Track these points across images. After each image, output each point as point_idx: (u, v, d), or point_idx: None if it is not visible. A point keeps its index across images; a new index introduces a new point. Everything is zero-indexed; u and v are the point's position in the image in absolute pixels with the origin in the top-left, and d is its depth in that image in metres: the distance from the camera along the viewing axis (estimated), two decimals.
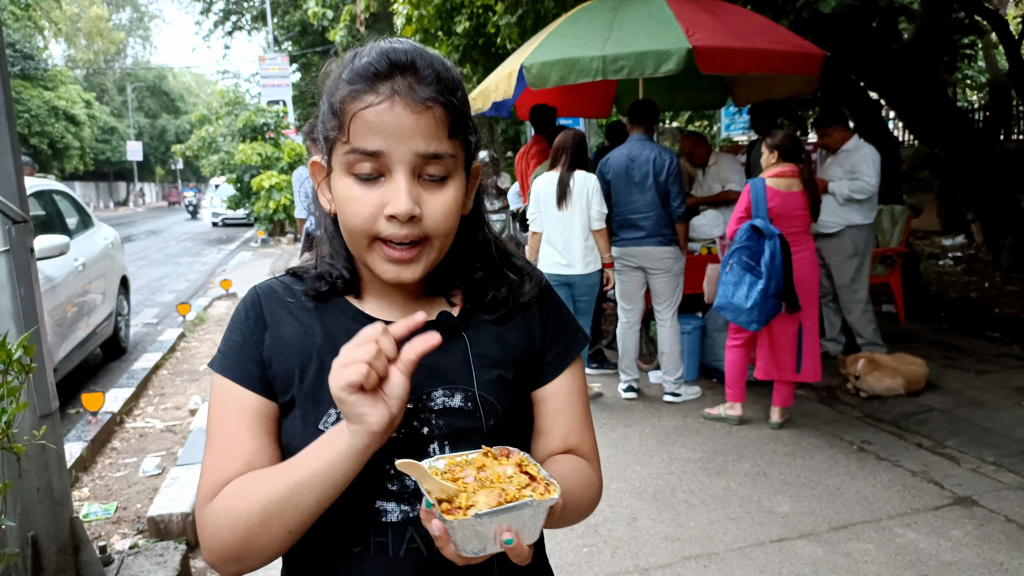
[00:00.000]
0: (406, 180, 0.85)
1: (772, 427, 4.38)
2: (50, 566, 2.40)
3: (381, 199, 0.86)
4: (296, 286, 0.99)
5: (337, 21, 14.96)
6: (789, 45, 4.82)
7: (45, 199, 5.77)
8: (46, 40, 36.92)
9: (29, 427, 2.20)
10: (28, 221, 2.32)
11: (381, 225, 0.86)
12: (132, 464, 4.15)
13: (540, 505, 0.76)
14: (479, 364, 0.95)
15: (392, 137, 0.84)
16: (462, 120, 0.89)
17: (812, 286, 4.27)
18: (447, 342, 0.94)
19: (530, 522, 0.77)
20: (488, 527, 0.74)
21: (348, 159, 0.87)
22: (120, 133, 43.50)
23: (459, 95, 0.89)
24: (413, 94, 0.84)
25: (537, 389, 1.02)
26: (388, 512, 0.91)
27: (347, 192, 0.88)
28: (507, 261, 1.04)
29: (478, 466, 0.82)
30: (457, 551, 0.76)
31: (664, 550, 3.07)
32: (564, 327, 1.05)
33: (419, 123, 0.84)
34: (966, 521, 3.24)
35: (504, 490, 0.77)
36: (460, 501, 0.76)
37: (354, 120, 0.85)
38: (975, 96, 15.16)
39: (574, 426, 1.03)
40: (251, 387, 0.93)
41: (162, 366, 6.28)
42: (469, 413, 0.93)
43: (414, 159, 0.85)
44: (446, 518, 0.74)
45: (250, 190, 17.37)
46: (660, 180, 4.64)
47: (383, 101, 0.84)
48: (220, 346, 0.98)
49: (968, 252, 9.85)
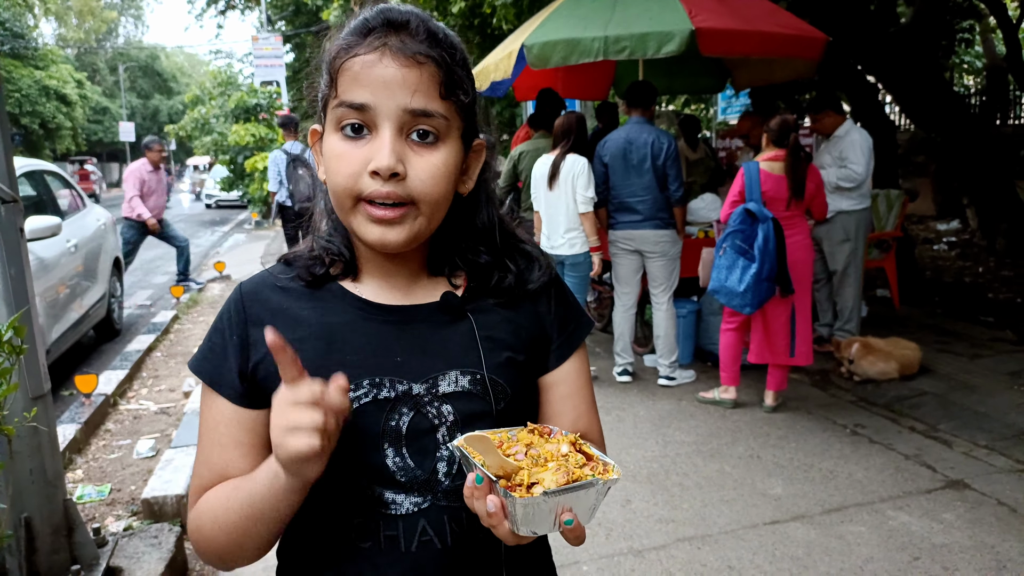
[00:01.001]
0: (391, 135, 0.82)
1: (766, 410, 4.40)
2: (44, 547, 2.39)
3: (366, 156, 0.82)
4: (286, 275, 0.95)
5: (331, 0, 14.81)
6: (791, 28, 4.79)
7: (36, 180, 5.72)
8: (36, 19, 36.50)
9: (20, 409, 2.19)
10: (18, 201, 2.29)
11: (364, 182, 0.82)
12: (126, 446, 4.14)
13: (604, 485, 0.74)
14: (487, 346, 0.92)
15: (379, 89, 0.81)
16: (457, 82, 0.85)
17: (806, 270, 4.26)
18: (452, 324, 0.93)
19: (592, 502, 0.75)
20: (551, 507, 0.72)
21: (336, 114, 0.84)
22: (112, 113, 43.13)
23: (457, 57, 0.86)
24: (403, 47, 0.82)
25: (544, 375, 0.99)
26: (398, 504, 0.88)
27: (333, 149, 0.85)
28: (515, 246, 1.00)
29: (526, 443, 0.79)
30: (514, 529, 0.74)
31: (658, 532, 3.09)
32: (571, 312, 1.03)
33: (408, 76, 0.81)
34: (958, 504, 3.26)
35: (568, 469, 0.74)
36: (521, 478, 0.73)
37: (342, 72, 0.83)
38: (972, 80, 15.13)
39: (583, 411, 1.01)
40: (226, 395, 0.90)
41: (156, 348, 6.26)
42: (478, 396, 0.90)
43: (401, 114, 0.82)
44: (512, 495, 0.71)
45: (243, 172, 17.25)
46: (658, 163, 4.61)
47: (372, 52, 0.82)
48: (202, 345, 0.95)
49: (963, 237, 9.86)
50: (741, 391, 4.54)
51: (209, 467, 0.91)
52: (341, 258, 0.94)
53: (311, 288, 0.94)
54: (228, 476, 0.89)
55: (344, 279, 0.95)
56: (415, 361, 0.90)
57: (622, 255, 4.86)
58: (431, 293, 0.95)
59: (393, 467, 0.87)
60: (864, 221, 5.28)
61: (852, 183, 5.07)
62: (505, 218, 1.02)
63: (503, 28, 7.54)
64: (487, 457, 0.75)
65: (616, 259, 4.90)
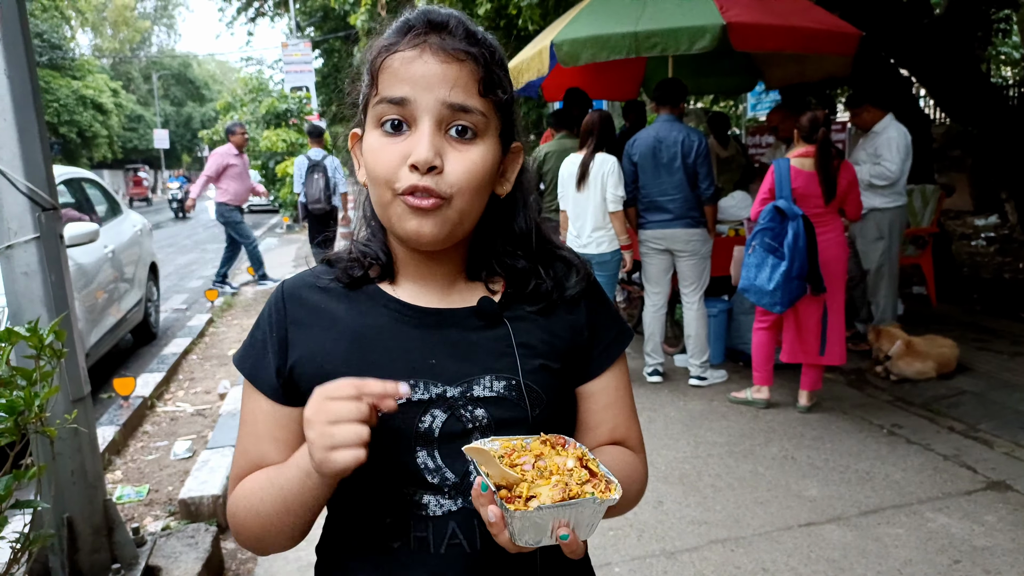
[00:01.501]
0: (430, 129, 0.83)
1: (800, 411, 4.34)
2: (85, 547, 2.45)
3: (405, 150, 0.83)
4: (327, 276, 0.96)
5: (358, 5, 14.93)
6: (824, 24, 4.73)
7: (75, 187, 5.85)
8: (73, 30, 37.37)
9: (62, 411, 2.24)
10: (58, 208, 2.34)
11: (403, 175, 0.83)
12: (163, 447, 4.22)
13: (601, 504, 0.75)
14: (523, 352, 0.92)
15: (418, 85, 0.83)
16: (496, 81, 0.86)
17: (838, 268, 4.19)
18: (489, 329, 0.93)
19: (589, 519, 0.76)
20: (547, 520, 0.73)
21: (377, 111, 0.85)
22: (147, 121, 43.95)
23: (496, 56, 0.87)
24: (444, 43, 0.83)
25: (583, 384, 0.99)
26: (429, 506, 0.89)
27: (372, 145, 0.86)
28: (552, 252, 1.00)
29: (535, 454, 0.80)
30: (512, 540, 0.75)
31: (691, 534, 3.06)
32: (611, 321, 1.02)
33: (447, 72, 0.83)
34: (1000, 506, 3.19)
35: (567, 484, 0.75)
36: (521, 490, 0.75)
37: (382, 70, 0.85)
38: (1009, 72, 14.77)
39: (620, 422, 1.01)
40: (263, 391, 0.93)
41: (191, 351, 6.37)
42: (513, 402, 0.90)
43: (440, 108, 0.83)
44: (507, 507, 0.73)
45: (275, 176, 17.47)
46: (688, 162, 4.57)
47: (412, 49, 0.83)
48: (245, 340, 0.98)
49: (1002, 232, 9.64)
50: (774, 391, 4.48)
51: (247, 457, 0.94)
52: (378, 261, 0.95)
53: (349, 289, 0.95)
54: (263, 466, 0.93)
55: (382, 281, 0.96)
56: (450, 364, 0.90)
57: (652, 254, 4.82)
58: (468, 298, 0.95)
59: (425, 469, 0.88)
60: (899, 219, 5.16)
61: (885, 181, 4.97)
62: (543, 223, 1.01)
63: (529, 29, 7.54)
64: (489, 468, 0.76)
65: (646, 259, 4.87)
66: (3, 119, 2.17)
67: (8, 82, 2.16)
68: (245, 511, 0.90)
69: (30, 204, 2.24)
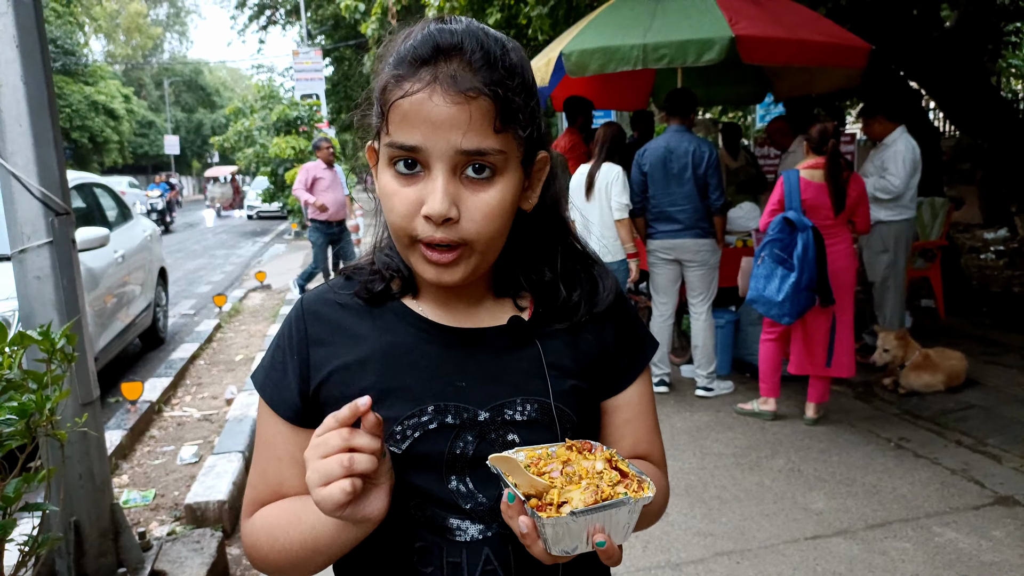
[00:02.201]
0: (443, 178, 0.78)
1: (807, 423, 4.32)
2: (92, 550, 2.46)
3: (419, 196, 0.79)
4: (346, 291, 0.93)
5: (369, 14, 15.03)
6: (833, 37, 4.73)
7: (86, 192, 5.89)
8: (86, 36, 37.72)
9: (71, 415, 2.25)
10: (70, 213, 2.36)
11: (418, 224, 0.79)
12: (170, 452, 4.23)
13: (636, 503, 0.72)
14: (555, 374, 0.89)
15: (429, 131, 0.77)
16: (514, 112, 0.79)
17: (847, 279, 4.18)
18: (519, 349, 0.90)
19: (624, 521, 0.73)
20: (581, 526, 0.71)
21: (388, 151, 0.81)
22: (158, 127, 44.29)
23: (515, 83, 0.80)
24: (454, 83, 0.76)
25: (608, 399, 0.97)
26: (463, 531, 0.86)
27: (387, 186, 0.82)
28: (582, 262, 0.96)
29: (563, 460, 0.77)
30: (546, 549, 0.72)
31: (696, 546, 3.05)
32: (636, 334, 1.00)
33: (459, 115, 0.76)
34: (1008, 521, 3.17)
35: (598, 487, 0.73)
36: (551, 497, 0.72)
37: (392, 110, 0.78)
38: (1020, 85, 14.73)
39: (642, 436, 0.98)
40: (283, 415, 0.90)
41: (199, 356, 6.39)
42: (544, 425, 0.87)
43: (454, 155, 0.77)
44: (540, 515, 0.70)
45: (284, 183, 17.56)
46: (699, 172, 4.58)
47: (420, 90, 0.76)
48: (264, 360, 0.94)
49: (1011, 245, 9.60)
50: (781, 403, 4.47)
51: (266, 481, 0.91)
52: (400, 275, 0.92)
53: (371, 305, 0.91)
54: (283, 491, 0.90)
55: (404, 296, 0.92)
56: (480, 387, 0.87)
57: (661, 265, 4.83)
58: (496, 315, 0.92)
59: (457, 494, 0.86)
60: (905, 233, 5.14)
61: (888, 195, 4.95)
62: (577, 234, 0.98)
63: (539, 39, 7.57)
64: (516, 477, 0.73)
65: (655, 269, 4.87)
66: (19, 125, 2.20)
67: (25, 89, 2.19)
68: (268, 543, 0.87)
69: (44, 209, 2.26)
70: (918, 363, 4.65)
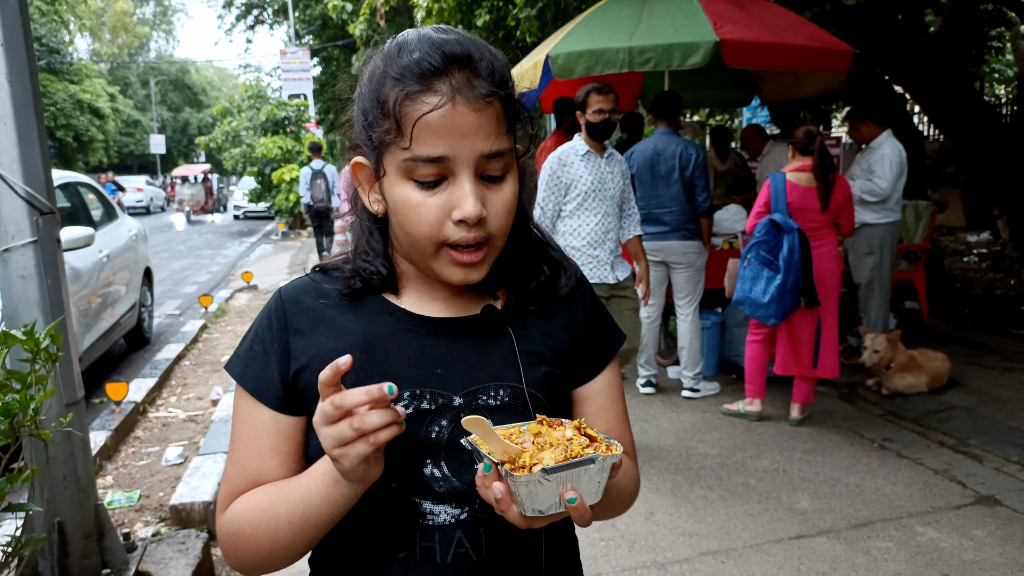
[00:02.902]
0: (472, 183, 0.82)
1: (792, 423, 4.36)
2: (75, 551, 2.44)
3: (446, 203, 0.82)
4: (327, 284, 0.95)
5: (357, 15, 14.99)
6: (818, 41, 4.77)
7: (70, 191, 5.85)
8: (72, 34, 37.43)
9: (56, 415, 2.24)
10: (55, 212, 2.35)
11: (449, 230, 0.83)
12: (155, 453, 4.21)
13: (605, 461, 0.76)
14: (527, 360, 0.93)
15: (455, 139, 0.80)
16: (517, 113, 0.86)
17: (832, 281, 4.22)
18: (494, 337, 0.93)
19: (594, 479, 0.76)
20: (553, 485, 0.74)
21: (408, 165, 0.82)
22: (143, 126, 43.99)
23: (511, 85, 0.86)
24: (473, 90, 0.80)
25: (578, 388, 1.00)
26: (436, 515, 0.88)
27: (408, 199, 0.83)
28: (544, 252, 1.01)
29: (534, 433, 0.81)
30: (521, 511, 0.75)
31: (682, 545, 3.07)
32: (604, 323, 1.04)
33: (481, 121, 0.81)
34: (989, 520, 3.21)
35: (568, 447, 0.76)
36: (524, 460, 0.75)
37: (417, 126, 0.80)
38: (1002, 90, 14.91)
39: (614, 425, 1.01)
40: (267, 402, 0.91)
41: (184, 357, 6.36)
42: (518, 410, 0.90)
43: (478, 160, 0.82)
44: (513, 475, 0.73)
45: (271, 183, 17.50)
46: (686, 174, 4.61)
47: (445, 103, 0.79)
48: (239, 349, 0.95)
49: (994, 248, 9.71)
50: (766, 404, 4.50)
51: (245, 473, 0.91)
52: (379, 276, 0.94)
53: (352, 299, 0.94)
54: (262, 482, 0.91)
55: (385, 291, 0.95)
56: (456, 374, 0.90)
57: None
58: (471, 305, 0.95)
59: (431, 478, 0.88)
60: (890, 235, 5.20)
61: (875, 197, 5.01)
62: (538, 223, 1.02)
63: (527, 41, 7.58)
64: (490, 443, 0.77)
65: None
66: (3, 123, 2.18)
67: (9, 87, 2.18)
68: (252, 528, 0.87)
69: (28, 208, 2.25)
70: (903, 364, 4.70)
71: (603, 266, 3.84)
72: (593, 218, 3.79)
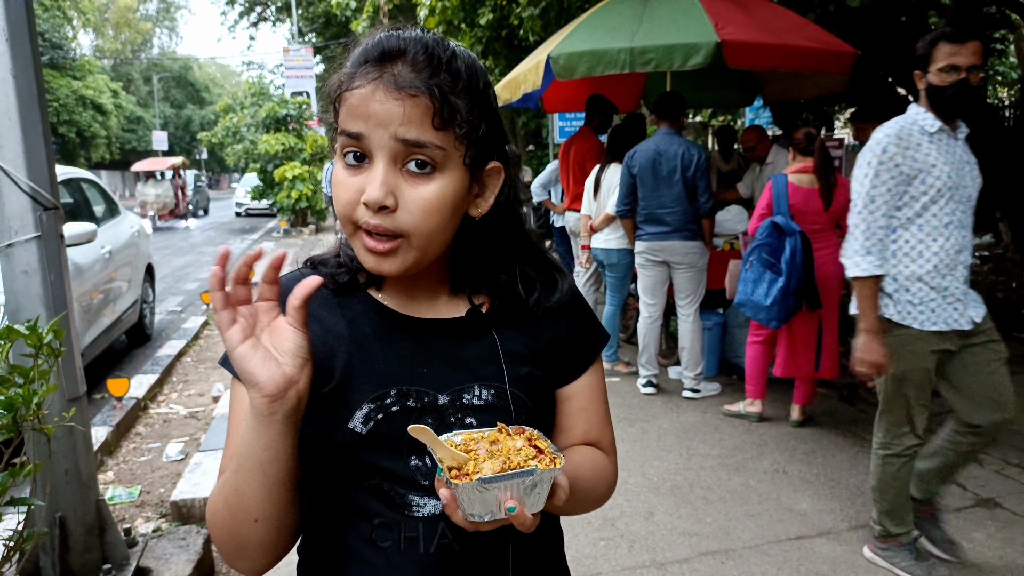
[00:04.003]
0: (383, 167, 0.83)
1: (792, 424, 4.36)
2: (77, 546, 2.45)
3: (362, 184, 0.84)
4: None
5: (360, 12, 14.99)
6: (819, 42, 4.76)
7: (73, 187, 5.86)
8: (75, 30, 37.41)
9: (58, 410, 2.24)
10: (59, 208, 2.35)
11: (360, 212, 0.84)
12: (156, 449, 4.22)
13: (543, 474, 0.79)
14: (509, 360, 0.94)
15: (371, 121, 0.82)
16: (453, 112, 0.84)
17: (834, 284, 4.22)
18: (477, 338, 0.95)
19: (533, 491, 0.79)
20: (492, 493, 0.77)
21: (340, 141, 0.86)
22: (146, 122, 43.98)
23: (459, 86, 0.84)
24: (396, 79, 0.82)
25: (561, 388, 1.02)
26: (421, 507, 0.90)
27: (336, 175, 0.87)
28: (538, 264, 1.01)
29: (491, 440, 0.84)
30: (464, 515, 0.78)
31: (681, 545, 3.07)
32: (589, 326, 1.05)
33: (398, 109, 0.81)
34: (989, 523, 3.21)
35: (508, 459, 0.80)
36: (468, 468, 0.79)
37: (341, 103, 0.85)
38: (1005, 92, 14.89)
39: (594, 424, 1.04)
40: None
41: (186, 353, 6.37)
42: (500, 409, 0.92)
43: (393, 144, 0.82)
44: (453, 482, 0.77)
45: (273, 180, 17.51)
46: (688, 175, 4.61)
47: (365, 85, 0.83)
48: None
49: (996, 251, 9.69)
50: (767, 404, 4.50)
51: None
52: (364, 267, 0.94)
53: (338, 295, 0.96)
54: None
55: (370, 287, 0.97)
56: (440, 373, 0.92)
57: (649, 266, 4.85)
58: (455, 308, 0.97)
59: (416, 471, 0.90)
60: None
61: None
62: (531, 237, 1.02)
63: (530, 40, 7.59)
64: (439, 451, 0.80)
65: (643, 270, 4.90)
66: (8, 119, 2.19)
67: (14, 82, 2.18)
68: (221, 498, 0.86)
69: (32, 203, 2.25)
70: None
71: (952, 305, 2.66)
72: (944, 230, 2.61)
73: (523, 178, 6.99)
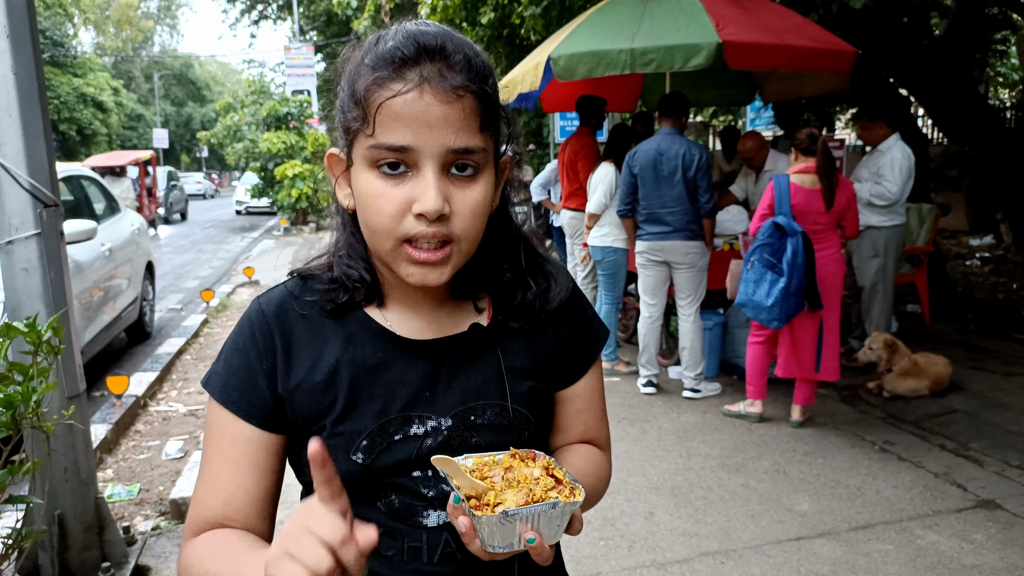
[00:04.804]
0: (435, 176, 0.78)
1: (793, 425, 4.35)
2: (76, 544, 2.44)
3: (408, 195, 0.79)
4: (307, 296, 0.92)
5: (362, 11, 14.98)
6: (820, 42, 4.75)
7: (73, 184, 5.85)
8: (76, 27, 37.38)
9: (57, 407, 2.24)
10: (59, 205, 2.35)
11: (408, 224, 0.80)
12: (155, 447, 4.21)
13: (565, 507, 0.78)
14: (512, 376, 0.93)
15: (420, 129, 0.77)
16: (494, 111, 0.83)
17: (835, 284, 4.22)
18: (480, 355, 0.93)
19: (554, 523, 0.79)
20: (513, 525, 0.77)
21: (372, 153, 0.80)
22: (147, 120, 43.95)
23: (490, 83, 0.82)
24: (443, 81, 0.77)
25: (562, 390, 1.01)
26: (425, 517, 0.89)
27: (370, 188, 0.81)
28: (536, 262, 0.99)
29: (505, 467, 0.83)
30: (482, 546, 0.77)
31: (681, 546, 3.07)
32: (589, 326, 1.03)
33: (449, 114, 0.78)
34: (989, 524, 3.20)
35: (531, 491, 0.79)
36: (488, 499, 0.78)
37: (380, 111, 0.78)
38: (1007, 94, 14.89)
39: (593, 423, 1.04)
40: (249, 418, 0.88)
41: (185, 351, 6.36)
42: (504, 428, 0.91)
43: (444, 154, 0.79)
44: (475, 513, 0.76)
45: (273, 179, 17.49)
46: (689, 175, 4.60)
47: (411, 89, 0.77)
48: (218, 365, 0.91)
49: (996, 252, 9.69)
50: (768, 405, 4.50)
51: (217, 493, 0.88)
52: (363, 283, 0.91)
53: (336, 317, 0.91)
54: (234, 504, 0.87)
55: (368, 305, 0.93)
56: (444, 395, 0.90)
57: (650, 266, 4.84)
58: (457, 320, 0.94)
59: (421, 484, 0.89)
60: (895, 238, 5.20)
61: (884, 201, 5.00)
62: (528, 234, 1.00)
63: (531, 39, 7.57)
64: (458, 479, 0.79)
65: (644, 270, 4.89)
66: (8, 115, 2.18)
67: (15, 80, 2.17)
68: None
69: (32, 200, 2.25)
70: (904, 368, 4.69)
71: None
72: None
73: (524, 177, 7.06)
